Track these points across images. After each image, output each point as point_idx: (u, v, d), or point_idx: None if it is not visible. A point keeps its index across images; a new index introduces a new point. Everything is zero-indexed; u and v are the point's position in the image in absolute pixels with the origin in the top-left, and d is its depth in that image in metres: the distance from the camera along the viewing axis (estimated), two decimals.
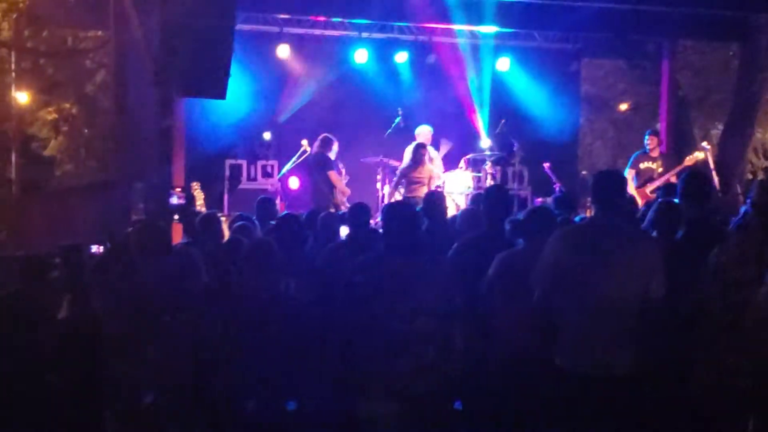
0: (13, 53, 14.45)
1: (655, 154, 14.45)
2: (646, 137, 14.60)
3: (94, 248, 11.00)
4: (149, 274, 6.45)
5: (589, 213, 9.09)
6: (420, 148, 14.12)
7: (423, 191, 13.27)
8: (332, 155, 14.39)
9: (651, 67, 17.80)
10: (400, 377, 5.88)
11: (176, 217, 7.05)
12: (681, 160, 14.24)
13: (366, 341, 6.00)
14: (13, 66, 14.57)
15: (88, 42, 14.54)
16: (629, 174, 14.27)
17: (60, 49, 14.46)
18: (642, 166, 14.43)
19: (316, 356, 6.18)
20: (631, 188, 14.04)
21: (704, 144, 14.81)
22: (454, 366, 6.06)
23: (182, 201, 6.89)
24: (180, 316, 6.22)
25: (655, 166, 14.36)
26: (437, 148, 15.95)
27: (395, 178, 14.47)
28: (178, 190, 6.95)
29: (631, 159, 14.74)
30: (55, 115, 15.20)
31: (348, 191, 14.50)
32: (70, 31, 14.42)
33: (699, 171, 7.74)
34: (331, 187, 14.21)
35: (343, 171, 14.88)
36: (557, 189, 14.89)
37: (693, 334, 6.09)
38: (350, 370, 6.11)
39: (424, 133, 15.20)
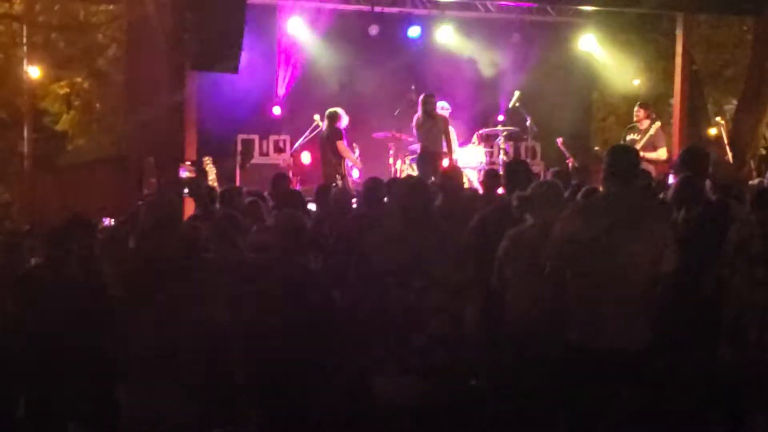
0: (24, 27, 14.45)
1: (642, 126, 14.33)
2: (635, 109, 14.53)
3: (107, 221, 11.04)
4: (157, 247, 6.45)
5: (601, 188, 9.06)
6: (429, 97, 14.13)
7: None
8: (340, 127, 14.32)
9: (664, 42, 17.68)
10: (415, 351, 5.88)
11: (186, 191, 7.05)
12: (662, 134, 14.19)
13: (380, 315, 6.00)
14: (24, 40, 14.59)
15: (99, 16, 14.50)
16: None
17: (72, 24, 14.43)
18: (628, 138, 14.35)
19: (329, 331, 6.17)
20: None
21: (718, 119, 14.76)
22: (467, 340, 6.07)
23: (192, 175, 6.87)
24: (185, 289, 6.22)
25: (638, 138, 14.28)
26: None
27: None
28: (188, 164, 6.93)
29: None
30: (67, 90, 15.19)
31: (360, 164, 14.47)
32: (82, 5, 14.37)
33: (699, 149, 7.68)
34: (339, 157, 14.17)
35: (357, 150, 14.82)
36: (570, 164, 14.84)
37: (713, 309, 6.07)
38: (365, 344, 6.11)
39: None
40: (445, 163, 13.77)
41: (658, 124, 14.07)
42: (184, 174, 6.87)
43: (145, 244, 6.54)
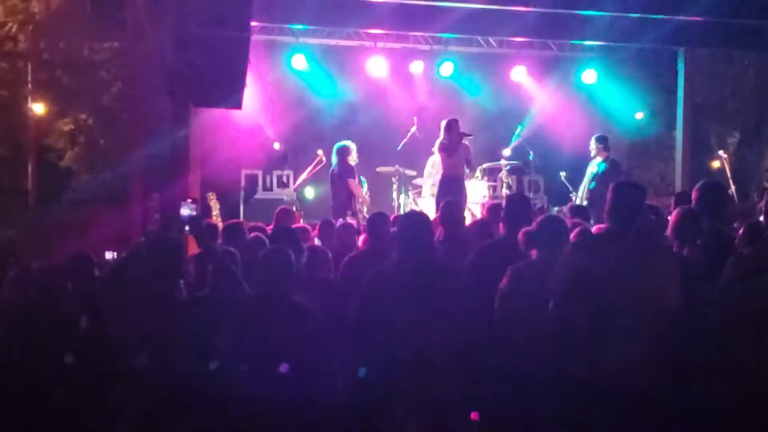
0: (29, 65, 14.52)
1: (597, 159, 14.55)
2: (591, 143, 14.80)
3: (109, 255, 11.03)
4: (158, 284, 6.45)
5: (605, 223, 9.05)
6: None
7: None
8: (351, 162, 14.35)
9: (667, 75, 17.73)
10: (418, 388, 5.87)
11: (187, 228, 7.06)
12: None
13: (383, 352, 5.99)
14: (29, 77, 14.64)
15: (104, 53, 14.59)
16: None
17: (76, 61, 14.50)
18: (587, 170, 14.54)
19: (333, 367, 6.14)
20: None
21: (721, 152, 14.77)
22: (470, 376, 6.05)
23: (194, 212, 6.88)
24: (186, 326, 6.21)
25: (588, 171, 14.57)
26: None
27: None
28: (189, 200, 6.97)
29: None
30: (71, 126, 15.22)
31: (368, 200, 14.49)
32: (86, 42, 14.46)
33: (716, 183, 7.70)
34: (350, 195, 14.18)
35: (365, 184, 14.85)
36: (573, 198, 14.87)
37: (719, 344, 6.04)
38: (369, 383, 6.09)
39: None
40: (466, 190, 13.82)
41: (604, 155, 14.50)
42: (186, 211, 6.86)
43: (146, 281, 6.53)
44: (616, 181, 6.36)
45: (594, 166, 14.51)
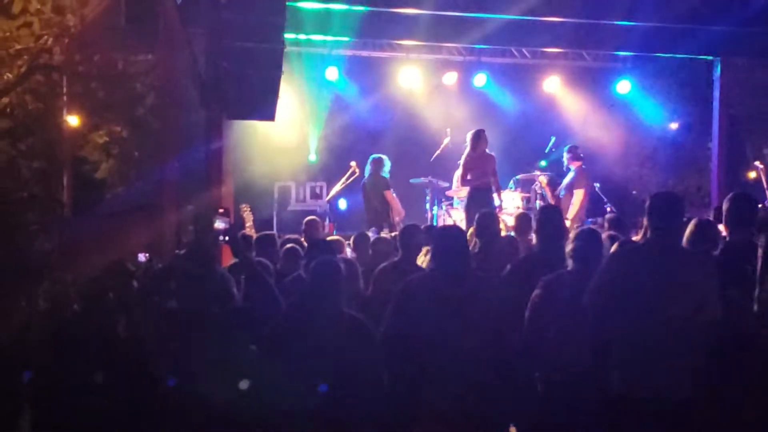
0: (64, 77, 14.59)
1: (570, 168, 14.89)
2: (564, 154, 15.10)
3: (142, 257, 11.07)
4: (190, 298, 6.44)
5: (640, 234, 8.98)
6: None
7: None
8: (386, 174, 14.33)
9: (702, 85, 17.60)
10: (451, 399, 5.83)
11: (222, 238, 7.06)
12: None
13: (416, 363, 5.96)
14: (64, 90, 14.71)
15: (138, 66, 14.63)
16: None
17: (111, 73, 14.55)
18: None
19: (365, 376, 6.10)
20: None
21: (757, 163, 14.64)
22: (506, 388, 6.01)
23: (226, 224, 6.87)
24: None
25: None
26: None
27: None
28: (221, 211, 6.97)
29: None
30: (106, 138, 15.26)
31: (403, 212, 14.45)
32: (121, 55, 14.52)
33: (747, 195, 7.60)
34: (387, 207, 14.15)
35: (395, 194, 14.82)
36: (609, 210, 14.78)
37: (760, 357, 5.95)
38: (401, 392, 6.06)
39: None
40: (496, 200, 13.74)
41: (577, 164, 14.74)
42: (220, 223, 6.85)
43: (181, 294, 6.53)
44: (654, 192, 6.28)
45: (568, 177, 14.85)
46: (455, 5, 13.64)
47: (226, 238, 7.04)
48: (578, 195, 14.40)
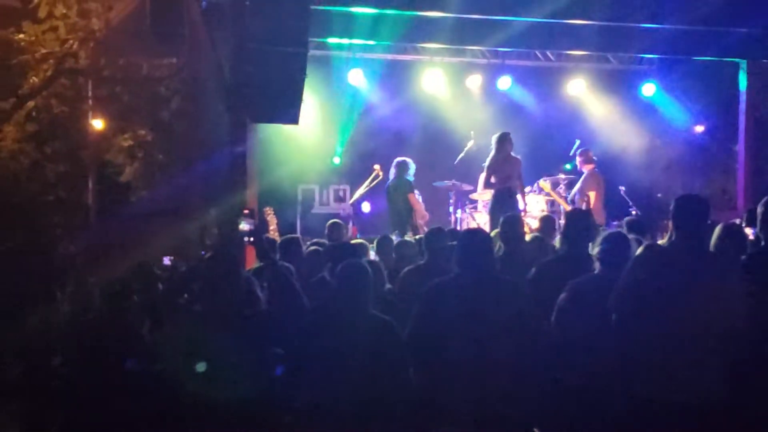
0: (89, 81, 14.67)
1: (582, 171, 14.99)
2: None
3: (167, 260, 11.10)
4: (214, 300, 6.44)
5: (665, 236, 8.93)
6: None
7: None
8: (410, 177, 14.32)
9: (727, 88, 17.52)
10: (475, 402, 5.81)
11: (247, 239, 7.05)
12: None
13: (440, 366, 5.94)
14: (89, 93, 14.78)
15: (162, 69, 14.68)
16: None
17: (135, 77, 14.61)
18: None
19: (391, 378, 6.09)
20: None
21: None
22: (529, 392, 5.99)
23: (251, 225, 6.88)
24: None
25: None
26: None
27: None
28: (246, 212, 6.96)
29: None
30: (130, 142, 15.33)
31: (427, 215, 14.43)
32: (146, 59, 14.57)
33: None
34: (410, 210, 14.14)
35: (420, 197, 14.81)
36: (633, 212, 14.73)
37: None
38: (425, 395, 6.05)
39: None
40: (521, 202, 13.69)
41: (590, 167, 14.83)
42: (245, 224, 6.86)
43: (205, 297, 6.54)
44: (679, 195, 6.23)
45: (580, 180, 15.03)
46: (479, 8, 13.61)
47: (251, 239, 7.05)
48: (590, 198, 14.36)
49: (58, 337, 7.11)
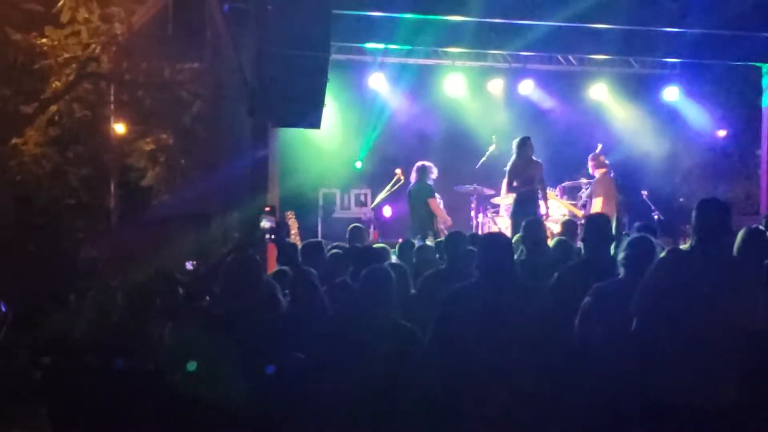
0: (112, 85, 14.73)
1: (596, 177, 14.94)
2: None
3: (189, 264, 11.12)
4: (236, 304, 6.44)
5: (688, 241, 8.88)
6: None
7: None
8: (431, 182, 14.30)
9: (750, 92, 17.44)
10: (497, 408, 5.79)
11: (268, 237, 7.03)
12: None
13: (461, 372, 5.93)
14: (112, 98, 14.86)
15: (184, 74, 14.74)
16: None
17: (157, 81, 14.67)
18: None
19: (413, 385, 6.07)
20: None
21: None
22: (551, 396, 5.96)
23: (272, 222, 6.87)
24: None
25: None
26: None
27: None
28: (268, 209, 6.95)
29: None
30: (152, 146, 15.39)
31: (449, 220, 14.39)
32: (168, 63, 14.63)
33: None
34: (432, 215, 14.12)
35: (441, 202, 14.79)
36: (656, 217, 14.67)
37: None
38: (446, 401, 6.03)
39: None
40: (542, 207, 13.65)
41: (601, 171, 14.79)
42: (266, 222, 6.86)
43: (226, 301, 6.54)
44: (700, 199, 6.18)
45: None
46: (501, 12, 13.58)
47: (272, 236, 7.04)
48: (596, 204, 14.33)
49: (81, 341, 7.12)
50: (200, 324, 6.48)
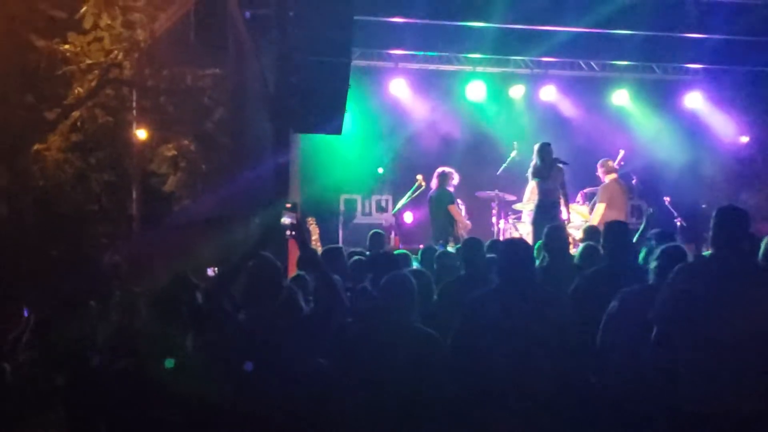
0: (134, 91, 14.78)
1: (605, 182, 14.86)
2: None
3: (210, 271, 11.13)
4: (256, 310, 6.44)
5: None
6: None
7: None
8: (451, 189, 14.29)
9: None
10: (517, 414, 5.78)
11: (289, 233, 7.01)
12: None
13: (481, 377, 5.91)
14: (134, 104, 14.90)
15: (206, 80, 14.77)
16: None
17: (179, 87, 14.71)
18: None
19: (430, 392, 6.06)
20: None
21: None
22: (572, 404, 5.94)
23: (293, 218, 6.86)
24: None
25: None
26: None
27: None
28: (288, 206, 6.95)
29: None
30: (174, 152, 15.42)
31: (469, 225, 14.39)
32: (190, 69, 14.67)
33: None
34: (452, 221, 14.11)
35: (463, 208, 14.76)
36: (678, 223, 14.60)
37: None
38: (466, 407, 6.02)
39: None
40: (564, 214, 13.59)
41: (610, 177, 14.72)
42: (286, 218, 6.85)
43: (247, 306, 6.54)
44: (720, 206, 6.15)
45: None
46: (523, 18, 13.60)
47: (293, 233, 7.04)
48: (598, 209, 14.29)
49: (103, 346, 7.14)
50: (221, 330, 6.49)
